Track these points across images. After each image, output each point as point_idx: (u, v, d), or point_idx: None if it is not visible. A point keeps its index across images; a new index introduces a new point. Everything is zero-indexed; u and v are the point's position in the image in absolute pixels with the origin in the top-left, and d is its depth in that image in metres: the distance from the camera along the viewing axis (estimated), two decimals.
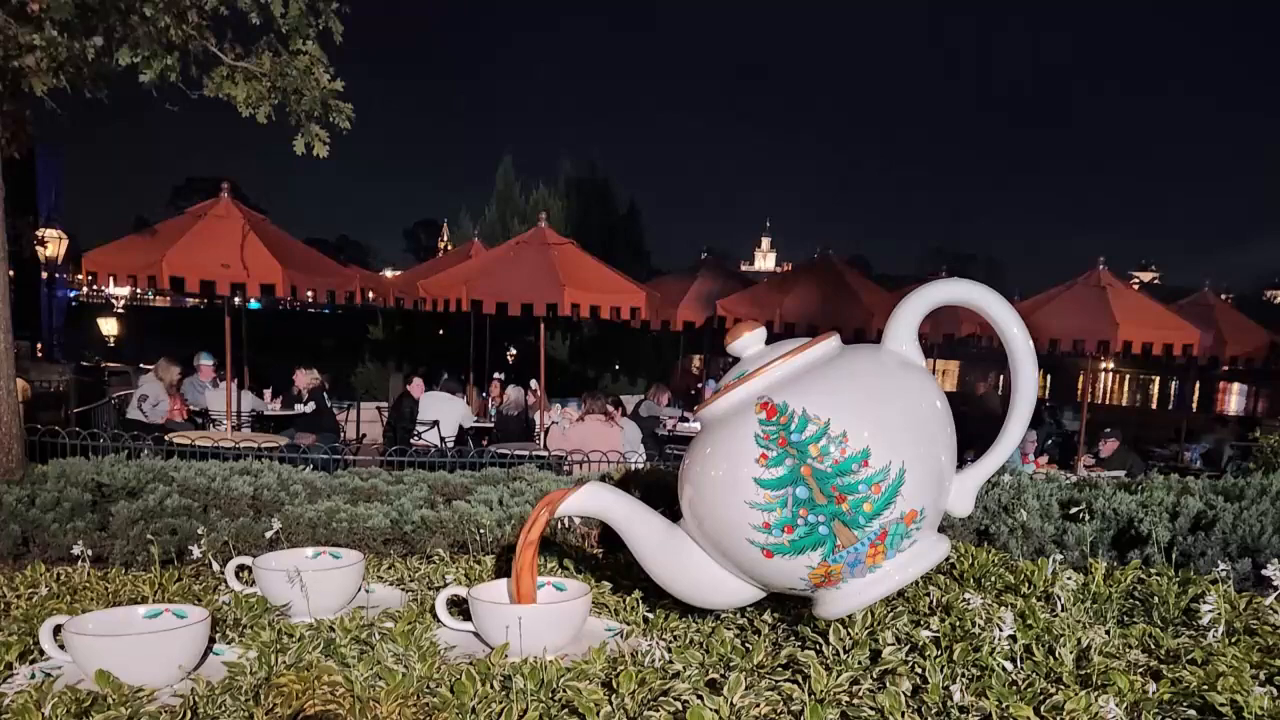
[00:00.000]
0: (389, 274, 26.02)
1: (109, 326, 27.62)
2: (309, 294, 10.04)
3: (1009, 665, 1.72)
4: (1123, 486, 3.83)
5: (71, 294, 30.98)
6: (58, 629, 1.88)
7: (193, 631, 1.86)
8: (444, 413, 10.82)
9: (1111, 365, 54.13)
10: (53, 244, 17.14)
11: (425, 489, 3.71)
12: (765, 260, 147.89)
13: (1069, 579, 2.29)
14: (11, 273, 4.59)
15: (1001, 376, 33.03)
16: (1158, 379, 52.70)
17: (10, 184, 4.55)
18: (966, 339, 12.19)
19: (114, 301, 47.35)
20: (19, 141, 4.81)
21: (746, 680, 1.68)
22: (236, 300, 10.03)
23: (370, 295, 11.33)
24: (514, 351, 19.79)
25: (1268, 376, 36.87)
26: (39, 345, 18.89)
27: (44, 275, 19.12)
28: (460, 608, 2.19)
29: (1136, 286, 19.89)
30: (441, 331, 20.54)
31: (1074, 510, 3.34)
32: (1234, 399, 44.57)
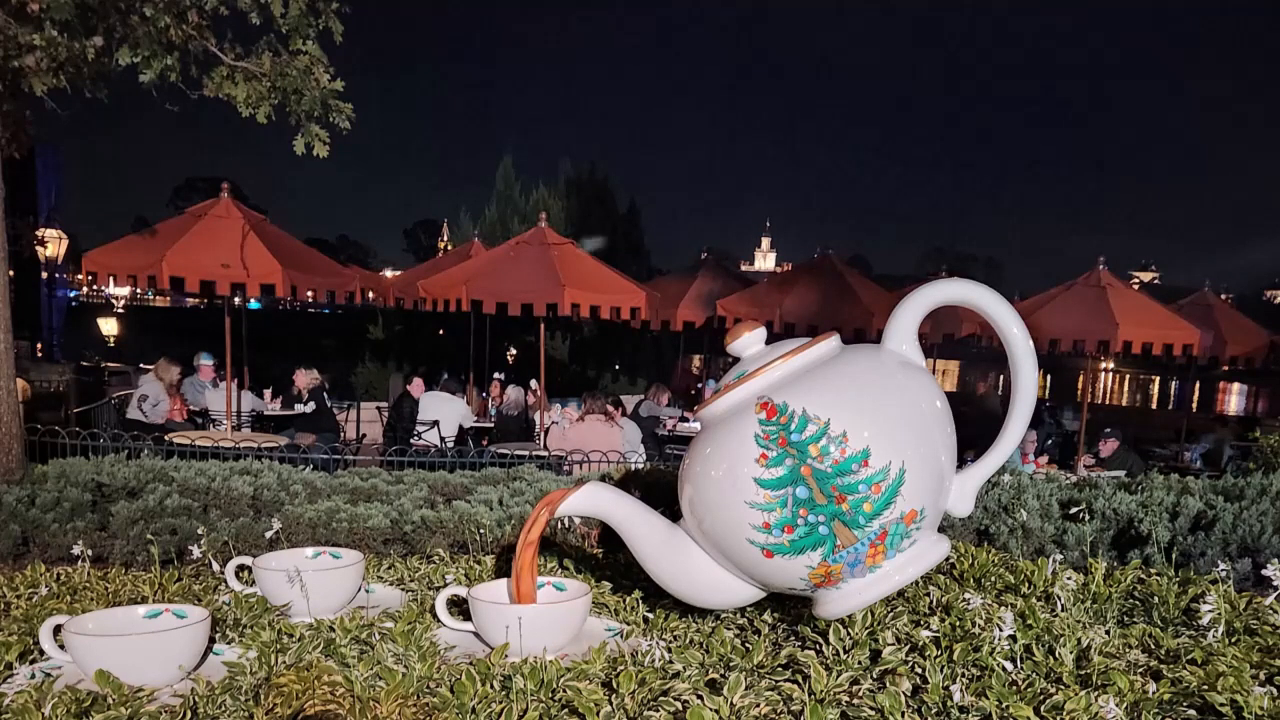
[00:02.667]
0: (389, 274, 26.02)
1: (109, 326, 27.60)
2: (309, 294, 10.07)
3: (1009, 665, 1.72)
4: (1123, 486, 3.83)
5: (71, 294, 30.98)
6: (58, 629, 1.88)
7: (193, 631, 1.86)
8: (444, 413, 10.83)
9: (1111, 365, 54.12)
10: (53, 244, 17.13)
11: (425, 489, 3.71)
12: (765, 260, 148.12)
13: (1069, 579, 2.29)
14: (11, 273, 4.60)
15: (1001, 376, 33.01)
16: (1158, 379, 52.66)
17: (10, 184, 4.55)
18: (966, 339, 12.20)
19: (114, 301, 47.37)
20: (19, 141, 4.82)
21: (746, 680, 1.68)
22: (236, 300, 10.04)
23: (370, 295, 11.35)
24: (514, 351, 19.81)
25: (1268, 376, 36.86)
26: (39, 345, 18.88)
27: (44, 275, 19.11)
28: (460, 608, 2.19)
29: (1136, 286, 19.88)
30: (441, 331, 20.56)
31: (1074, 510, 3.34)
32: (1234, 399, 44.59)
